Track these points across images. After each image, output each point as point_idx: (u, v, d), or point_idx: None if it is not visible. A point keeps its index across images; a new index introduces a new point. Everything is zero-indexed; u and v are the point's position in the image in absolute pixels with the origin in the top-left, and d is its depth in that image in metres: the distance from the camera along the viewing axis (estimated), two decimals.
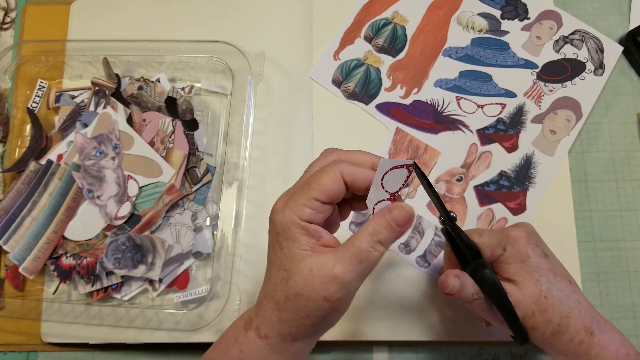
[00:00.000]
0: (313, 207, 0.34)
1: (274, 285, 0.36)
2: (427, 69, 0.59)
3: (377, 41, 0.60)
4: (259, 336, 0.37)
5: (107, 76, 0.57)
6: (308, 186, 0.35)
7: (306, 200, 0.34)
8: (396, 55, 0.60)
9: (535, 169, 0.56)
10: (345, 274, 0.34)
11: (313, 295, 0.34)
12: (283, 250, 0.35)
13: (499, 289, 0.40)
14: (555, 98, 0.58)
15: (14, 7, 0.64)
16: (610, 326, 0.41)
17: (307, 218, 0.34)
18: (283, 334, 0.36)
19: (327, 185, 0.34)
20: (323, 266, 0.34)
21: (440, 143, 0.57)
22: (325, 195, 0.34)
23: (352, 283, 0.34)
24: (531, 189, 0.56)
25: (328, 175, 0.35)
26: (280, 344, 0.36)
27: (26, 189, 0.54)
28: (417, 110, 0.58)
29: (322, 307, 0.34)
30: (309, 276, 0.34)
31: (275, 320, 0.36)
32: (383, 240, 0.34)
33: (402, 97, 0.58)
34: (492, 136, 0.57)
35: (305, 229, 0.34)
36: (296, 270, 0.34)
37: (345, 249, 0.34)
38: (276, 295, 0.35)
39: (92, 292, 0.52)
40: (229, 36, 0.56)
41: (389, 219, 0.34)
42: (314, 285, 0.34)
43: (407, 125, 0.57)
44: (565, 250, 0.52)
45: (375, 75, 0.59)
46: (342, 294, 0.34)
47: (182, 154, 0.54)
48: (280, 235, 0.35)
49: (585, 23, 0.60)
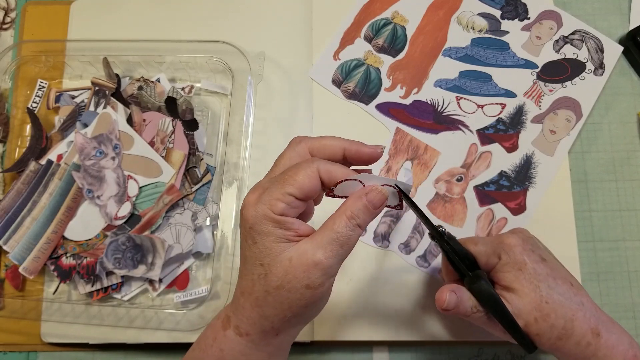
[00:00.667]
0: (287, 202, 0.34)
1: (251, 281, 0.35)
2: (427, 69, 0.59)
3: (377, 41, 0.60)
4: (239, 334, 0.36)
5: (107, 76, 0.57)
6: (283, 181, 0.34)
7: (280, 195, 0.34)
8: (396, 55, 0.60)
9: (535, 169, 0.56)
10: (327, 259, 0.34)
11: (295, 285, 0.34)
12: (257, 244, 0.34)
13: (496, 300, 0.39)
14: (555, 98, 0.58)
15: (14, 7, 0.64)
16: (618, 327, 0.41)
17: (280, 212, 0.34)
18: (265, 329, 0.36)
19: (303, 182, 0.34)
20: (303, 254, 0.33)
21: (440, 143, 0.57)
22: (301, 192, 0.34)
23: (333, 267, 0.34)
24: (531, 189, 0.56)
25: (305, 172, 0.34)
26: (263, 340, 0.36)
27: (26, 189, 0.54)
28: (417, 110, 0.58)
29: (305, 295, 0.34)
30: (289, 266, 0.33)
31: (256, 317, 0.35)
32: (361, 223, 0.35)
33: (402, 97, 0.58)
34: (492, 136, 0.57)
35: (279, 222, 0.34)
36: (274, 263, 0.34)
37: (324, 234, 0.34)
38: (255, 292, 0.35)
39: (92, 292, 0.52)
40: (229, 36, 0.56)
41: (366, 202, 0.35)
42: (296, 275, 0.33)
43: (407, 125, 0.57)
44: (565, 250, 0.52)
45: (375, 75, 0.59)
46: (324, 279, 0.34)
47: (182, 154, 0.54)
48: (253, 230, 0.34)
49: (585, 23, 0.60)
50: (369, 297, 0.53)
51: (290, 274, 0.33)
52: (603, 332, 0.39)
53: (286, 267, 0.33)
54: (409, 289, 0.53)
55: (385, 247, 0.54)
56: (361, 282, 0.54)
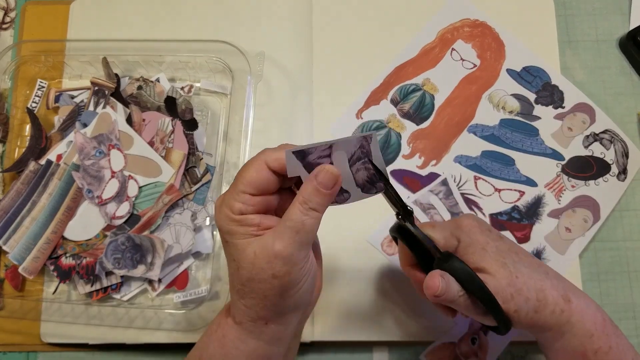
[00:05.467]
0: (243, 201, 0.35)
1: (231, 276, 0.37)
2: (449, 143, 0.57)
3: (402, 106, 0.58)
4: (236, 322, 0.38)
5: (107, 76, 0.57)
6: (235, 181, 0.36)
7: (235, 195, 0.35)
8: (420, 123, 0.58)
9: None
10: (285, 247, 0.34)
11: (262, 276, 0.35)
12: (228, 243, 0.36)
13: (472, 275, 0.39)
14: (577, 195, 0.56)
15: (13, 7, 0.64)
16: (582, 292, 0.42)
17: (238, 211, 0.35)
18: (253, 318, 0.37)
19: (252, 177, 0.35)
20: (264, 246, 0.35)
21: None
22: (252, 187, 0.35)
23: (294, 254, 0.35)
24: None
25: (252, 167, 0.35)
26: (254, 328, 0.38)
27: (26, 189, 0.54)
28: (431, 183, 0.56)
29: (274, 285, 0.35)
30: (254, 259, 0.35)
31: (242, 308, 0.37)
32: (315, 206, 0.35)
33: (419, 167, 0.57)
34: (505, 223, 0.55)
35: (239, 221, 0.35)
36: (242, 257, 0.35)
37: (281, 224, 0.35)
38: (235, 285, 0.37)
39: (91, 292, 0.52)
40: (229, 36, 0.56)
41: (316, 184, 0.35)
42: (262, 266, 0.35)
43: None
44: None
45: (396, 140, 0.57)
46: (288, 267, 0.35)
47: (182, 154, 0.54)
48: (222, 231, 0.36)
49: (616, 125, 0.57)
50: (369, 297, 0.53)
51: (257, 267, 0.35)
52: (572, 297, 0.40)
53: (252, 260, 0.35)
54: (409, 289, 0.53)
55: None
56: (361, 282, 0.54)
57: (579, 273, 0.54)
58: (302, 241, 0.35)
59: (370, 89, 0.59)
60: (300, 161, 0.35)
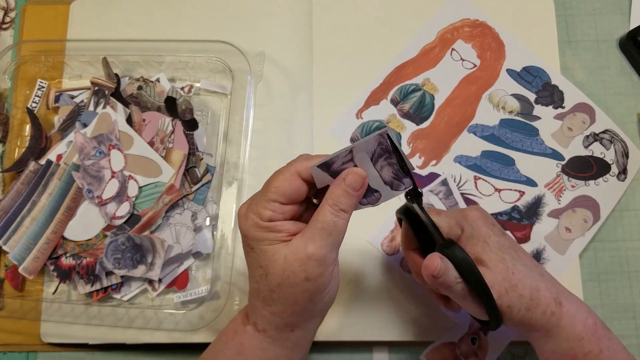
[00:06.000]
0: (273, 209, 0.36)
1: (256, 283, 0.37)
2: (449, 143, 0.57)
3: (403, 106, 0.58)
4: (257, 330, 0.38)
5: (107, 76, 0.57)
6: (266, 189, 0.36)
7: (265, 203, 0.36)
8: (420, 123, 0.58)
9: (543, 265, 0.54)
10: (319, 249, 0.35)
11: (294, 280, 0.35)
12: (254, 250, 0.36)
13: (470, 264, 0.39)
14: (577, 195, 0.56)
15: (13, 7, 0.64)
16: (575, 296, 0.42)
17: (268, 219, 0.36)
18: (279, 326, 0.37)
19: (283, 187, 0.36)
20: (296, 250, 0.35)
21: None
22: (283, 197, 0.36)
23: (327, 256, 0.35)
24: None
25: (283, 176, 0.36)
26: (279, 335, 0.38)
27: (26, 189, 0.54)
28: (432, 183, 0.56)
29: (306, 288, 0.35)
30: (285, 263, 0.35)
31: (268, 315, 0.37)
32: (345, 207, 0.36)
33: (419, 167, 0.56)
34: (505, 223, 0.55)
35: (268, 227, 0.36)
36: (271, 263, 0.35)
37: (312, 227, 0.35)
38: (261, 292, 0.37)
39: (91, 292, 0.52)
40: (229, 36, 0.56)
41: (345, 186, 0.36)
42: (293, 270, 0.35)
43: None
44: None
45: (396, 140, 0.57)
46: (321, 269, 0.35)
47: (182, 154, 0.54)
48: (247, 238, 0.37)
49: (616, 125, 0.57)
50: (369, 297, 0.53)
51: (288, 270, 0.35)
52: (564, 301, 0.40)
53: (282, 264, 0.35)
54: (409, 289, 0.53)
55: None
56: (361, 282, 0.54)
57: (579, 273, 0.54)
58: (334, 242, 0.36)
59: (370, 89, 0.59)
60: (325, 171, 0.36)
